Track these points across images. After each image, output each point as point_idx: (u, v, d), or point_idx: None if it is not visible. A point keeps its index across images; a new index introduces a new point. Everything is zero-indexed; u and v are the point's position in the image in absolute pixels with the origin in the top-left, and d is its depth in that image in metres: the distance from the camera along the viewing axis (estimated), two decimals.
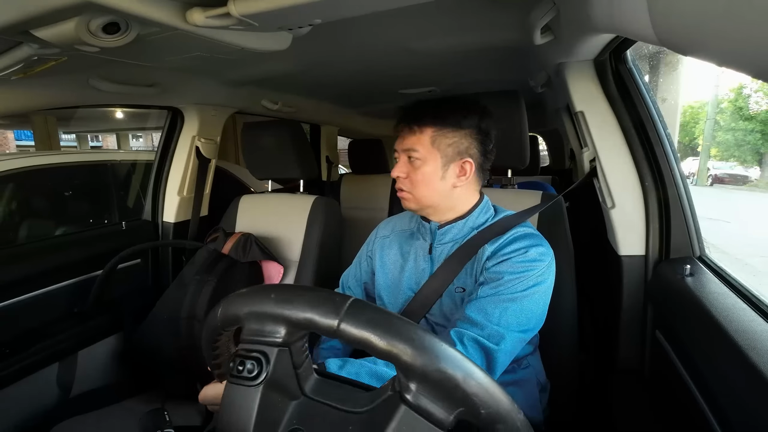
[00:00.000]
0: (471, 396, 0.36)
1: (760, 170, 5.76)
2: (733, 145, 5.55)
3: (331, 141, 2.78)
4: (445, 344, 0.38)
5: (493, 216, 0.89)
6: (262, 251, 1.32)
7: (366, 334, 0.38)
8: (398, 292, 0.91)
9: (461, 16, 0.99)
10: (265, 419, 0.43)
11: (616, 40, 0.93)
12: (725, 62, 0.42)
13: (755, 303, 0.72)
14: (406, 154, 0.86)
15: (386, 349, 0.37)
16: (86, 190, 2.15)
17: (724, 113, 5.54)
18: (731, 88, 5.42)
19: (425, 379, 0.36)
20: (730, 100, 5.48)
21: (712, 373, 0.67)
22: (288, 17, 0.80)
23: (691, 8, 0.41)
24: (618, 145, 1.06)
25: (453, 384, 0.36)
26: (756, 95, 5.31)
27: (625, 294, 1.07)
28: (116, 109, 4.95)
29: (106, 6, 0.64)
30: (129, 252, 1.35)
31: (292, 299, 0.42)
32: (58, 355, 1.20)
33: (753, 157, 5.68)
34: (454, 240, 0.87)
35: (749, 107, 5.33)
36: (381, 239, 1.00)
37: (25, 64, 0.83)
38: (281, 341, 0.43)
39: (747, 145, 5.45)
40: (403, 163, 0.86)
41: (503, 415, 0.36)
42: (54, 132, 6.27)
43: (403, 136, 0.86)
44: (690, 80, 1.17)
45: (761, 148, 5.45)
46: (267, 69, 1.38)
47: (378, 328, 0.37)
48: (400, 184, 0.87)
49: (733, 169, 5.87)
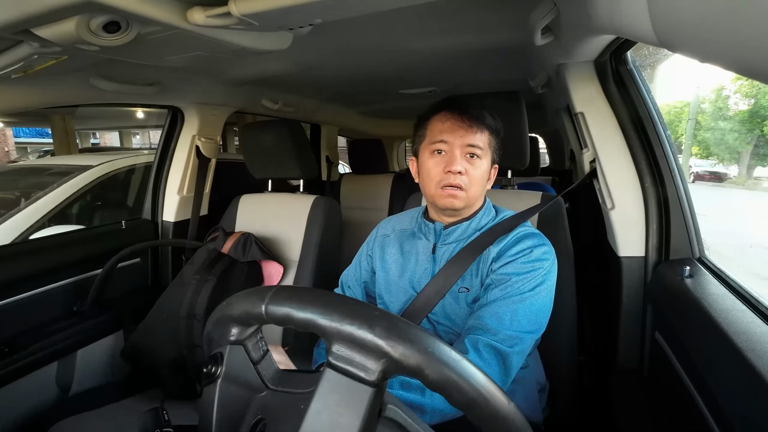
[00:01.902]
0: (384, 347, 0.37)
1: (738, 168, 6.07)
2: (712, 144, 5.86)
3: (331, 141, 2.78)
4: (354, 302, 0.40)
5: (495, 217, 0.90)
6: (261, 251, 1.32)
7: (286, 309, 0.41)
8: (399, 292, 0.91)
9: (462, 16, 0.99)
10: (228, 413, 0.47)
11: (616, 41, 0.93)
12: (726, 64, 0.42)
13: (754, 305, 0.72)
14: (466, 150, 0.82)
15: (304, 318, 0.40)
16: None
17: (704, 113, 5.84)
18: (712, 89, 5.70)
19: (340, 337, 0.38)
20: (711, 100, 5.76)
21: (711, 374, 0.67)
22: (288, 17, 0.80)
23: (691, 10, 0.41)
24: (618, 146, 1.06)
25: (366, 338, 0.37)
26: (735, 96, 5.56)
27: (624, 295, 1.07)
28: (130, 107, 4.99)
29: (107, 5, 0.64)
30: (129, 251, 1.35)
31: (234, 301, 0.47)
32: (58, 354, 1.20)
33: (731, 156, 5.99)
34: (458, 240, 0.87)
35: (728, 108, 5.62)
36: (381, 238, 0.99)
37: (25, 62, 0.83)
38: (234, 339, 0.48)
39: (725, 144, 5.75)
40: (461, 157, 0.82)
41: (426, 360, 0.36)
42: (71, 130, 6.37)
43: (464, 129, 0.82)
44: (671, 81, 1.20)
45: (738, 147, 5.73)
46: (267, 68, 1.38)
47: (295, 303, 0.41)
48: (458, 180, 0.81)
49: (713, 167, 6.21)
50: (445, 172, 0.82)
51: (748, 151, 5.76)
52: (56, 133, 6.25)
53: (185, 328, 1.18)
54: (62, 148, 6.04)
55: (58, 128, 6.14)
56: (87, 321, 1.28)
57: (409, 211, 1.02)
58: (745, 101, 5.58)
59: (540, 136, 3.67)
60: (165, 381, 1.15)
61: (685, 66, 0.62)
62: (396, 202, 2.33)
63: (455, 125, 0.82)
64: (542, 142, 3.79)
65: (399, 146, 4.15)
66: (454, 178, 0.81)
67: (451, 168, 0.81)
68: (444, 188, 0.82)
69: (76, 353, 1.25)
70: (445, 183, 0.82)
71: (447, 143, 0.82)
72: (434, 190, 0.84)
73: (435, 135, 0.84)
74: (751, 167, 5.87)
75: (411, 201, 1.23)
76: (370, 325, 0.38)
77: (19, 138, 11.90)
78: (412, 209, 1.03)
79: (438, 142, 0.83)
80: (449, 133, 0.82)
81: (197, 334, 1.16)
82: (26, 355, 1.10)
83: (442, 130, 0.83)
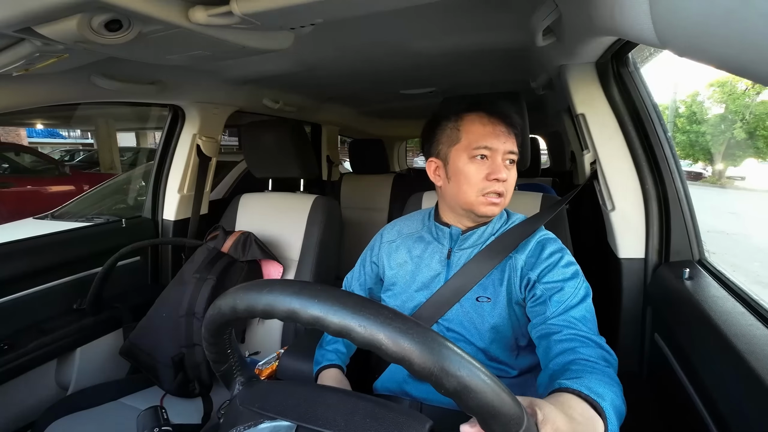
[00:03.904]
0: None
1: (711, 168, 6.62)
2: (688, 146, 6.41)
3: (331, 141, 2.78)
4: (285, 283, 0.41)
5: (507, 220, 0.87)
6: (261, 250, 1.32)
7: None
8: (408, 297, 0.88)
9: (463, 17, 0.99)
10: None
11: (617, 43, 0.93)
12: (726, 66, 0.42)
13: (754, 307, 0.72)
14: (506, 156, 0.79)
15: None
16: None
17: (682, 117, 6.33)
18: (688, 95, 6.24)
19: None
20: (687, 104, 6.27)
21: (711, 376, 0.67)
22: (290, 16, 0.80)
23: (693, 11, 0.41)
24: (619, 148, 1.06)
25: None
26: (708, 102, 6.11)
27: (624, 297, 1.07)
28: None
29: (109, 3, 0.64)
30: (129, 249, 1.35)
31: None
32: (57, 352, 1.20)
33: (705, 157, 6.57)
34: (474, 245, 0.84)
35: (703, 112, 6.17)
36: (387, 244, 0.95)
37: (27, 60, 0.83)
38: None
39: (699, 145, 6.35)
40: (503, 164, 0.79)
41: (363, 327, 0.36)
42: (113, 131, 7.02)
43: (505, 135, 0.80)
44: (650, 85, 1.21)
45: (711, 148, 6.29)
46: (268, 68, 1.38)
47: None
48: (501, 188, 0.78)
49: (690, 167, 6.67)
50: (489, 179, 0.78)
51: (720, 153, 6.27)
52: (99, 135, 7.04)
53: (185, 326, 1.18)
54: (105, 148, 6.89)
55: (101, 131, 6.93)
56: (87, 319, 1.28)
57: (414, 214, 0.99)
58: (718, 106, 6.04)
59: (541, 137, 3.67)
60: (164, 379, 1.15)
61: (664, 71, 0.62)
62: (396, 203, 2.33)
63: (498, 130, 0.79)
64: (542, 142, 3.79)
65: (400, 146, 4.15)
66: (499, 185, 0.78)
67: (498, 176, 0.77)
68: (486, 195, 0.79)
69: (76, 351, 1.25)
70: (488, 190, 0.78)
71: (490, 149, 0.79)
72: (474, 197, 0.79)
73: (477, 140, 0.79)
74: (723, 167, 6.39)
75: (411, 201, 1.22)
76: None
77: (32, 138, 12.01)
78: (417, 212, 1.00)
79: (481, 148, 0.79)
80: (493, 138, 0.79)
81: (197, 333, 1.16)
82: (26, 353, 1.10)
83: (484, 135, 0.79)
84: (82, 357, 1.26)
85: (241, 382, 0.55)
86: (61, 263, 1.29)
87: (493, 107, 0.82)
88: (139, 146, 9.77)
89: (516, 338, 0.79)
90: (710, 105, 6.46)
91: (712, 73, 8.42)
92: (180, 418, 1.08)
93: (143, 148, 9.12)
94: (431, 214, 0.93)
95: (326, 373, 0.87)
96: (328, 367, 0.88)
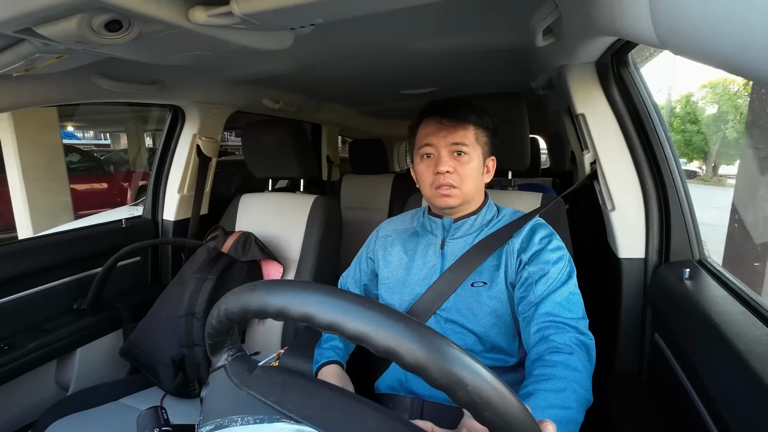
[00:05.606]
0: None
1: (705, 166, 6.86)
2: (683, 145, 6.60)
3: (331, 140, 2.78)
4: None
5: (497, 214, 0.91)
6: (261, 250, 1.32)
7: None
8: (405, 291, 0.90)
9: (463, 17, 0.99)
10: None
11: (617, 43, 0.93)
12: (726, 66, 0.42)
13: (754, 307, 0.72)
14: (451, 149, 0.85)
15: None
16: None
17: (677, 117, 6.55)
18: (682, 95, 6.42)
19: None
20: (682, 104, 6.45)
21: (711, 376, 0.67)
22: (290, 16, 0.80)
23: (693, 11, 0.41)
24: (619, 148, 1.06)
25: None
26: (701, 102, 6.29)
27: (624, 297, 1.07)
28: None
29: (109, 4, 0.64)
30: (129, 250, 1.35)
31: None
32: (57, 352, 1.20)
33: (698, 155, 6.84)
34: (466, 235, 0.89)
35: (696, 112, 6.37)
36: (383, 239, 0.99)
37: (27, 60, 0.83)
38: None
39: (693, 144, 6.56)
40: (448, 157, 0.85)
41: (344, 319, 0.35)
42: (141, 132, 7.58)
43: (446, 130, 0.85)
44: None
45: (704, 147, 6.52)
46: (268, 68, 1.38)
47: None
48: (447, 179, 0.84)
49: (685, 165, 6.91)
50: (434, 173, 0.85)
51: (713, 152, 6.48)
52: (130, 135, 7.67)
53: (185, 326, 1.18)
54: (134, 148, 7.45)
55: (131, 132, 7.53)
56: (87, 319, 1.28)
57: (408, 212, 1.02)
58: (711, 107, 6.22)
59: (541, 137, 3.67)
60: (164, 380, 1.15)
61: (659, 72, 0.62)
62: (396, 203, 2.33)
63: (437, 127, 0.86)
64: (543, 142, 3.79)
65: (399, 146, 4.15)
66: (444, 178, 0.84)
67: (438, 169, 0.84)
68: (437, 189, 0.85)
69: (76, 351, 1.25)
70: (437, 184, 0.85)
71: (432, 146, 0.86)
72: (429, 192, 0.87)
73: (421, 140, 0.88)
74: (716, 166, 6.59)
75: (411, 201, 1.22)
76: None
77: None
78: (412, 210, 1.03)
79: (424, 146, 0.87)
80: (432, 135, 0.86)
81: (197, 333, 1.16)
82: (26, 353, 1.10)
83: (427, 134, 0.87)
84: (82, 357, 1.26)
85: (231, 354, 0.54)
86: (62, 263, 1.29)
87: (435, 107, 0.88)
88: (155, 146, 10.01)
89: (515, 323, 0.82)
90: (703, 105, 6.53)
91: (706, 74, 8.55)
92: (180, 418, 1.08)
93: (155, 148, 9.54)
94: (425, 210, 0.97)
95: (325, 369, 0.88)
96: (326, 363, 0.89)
